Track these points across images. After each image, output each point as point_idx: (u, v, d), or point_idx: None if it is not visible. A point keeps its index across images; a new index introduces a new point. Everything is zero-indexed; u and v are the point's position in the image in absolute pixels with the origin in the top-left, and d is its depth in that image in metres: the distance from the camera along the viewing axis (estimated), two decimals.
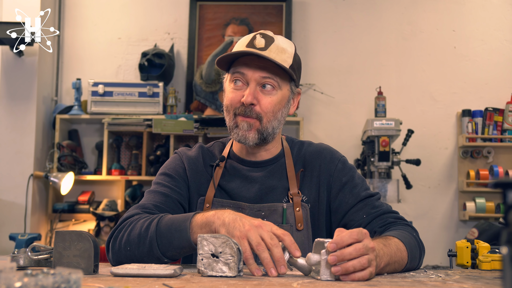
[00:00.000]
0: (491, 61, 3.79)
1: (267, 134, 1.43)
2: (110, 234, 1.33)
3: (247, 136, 1.41)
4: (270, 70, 1.40)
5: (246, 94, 1.39)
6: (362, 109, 3.79)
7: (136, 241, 1.26)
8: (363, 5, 3.88)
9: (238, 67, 1.42)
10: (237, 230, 1.12)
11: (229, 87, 1.45)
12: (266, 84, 1.40)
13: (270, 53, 1.38)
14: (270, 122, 1.42)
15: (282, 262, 1.08)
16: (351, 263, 1.02)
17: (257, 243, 1.09)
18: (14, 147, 3.52)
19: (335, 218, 1.46)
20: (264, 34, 1.42)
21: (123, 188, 3.68)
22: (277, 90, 1.42)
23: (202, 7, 3.90)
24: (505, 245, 0.63)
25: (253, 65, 1.39)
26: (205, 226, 1.18)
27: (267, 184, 1.47)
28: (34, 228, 3.52)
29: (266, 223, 1.14)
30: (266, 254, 1.09)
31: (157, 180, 1.49)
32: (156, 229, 1.24)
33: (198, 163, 1.51)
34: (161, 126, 3.47)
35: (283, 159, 1.51)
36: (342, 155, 1.54)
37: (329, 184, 1.48)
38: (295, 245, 1.10)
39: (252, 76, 1.40)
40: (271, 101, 1.41)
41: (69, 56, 3.91)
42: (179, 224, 1.22)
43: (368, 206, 1.43)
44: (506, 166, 3.63)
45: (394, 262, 1.19)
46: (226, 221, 1.15)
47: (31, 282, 0.65)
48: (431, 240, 3.62)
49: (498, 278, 1.15)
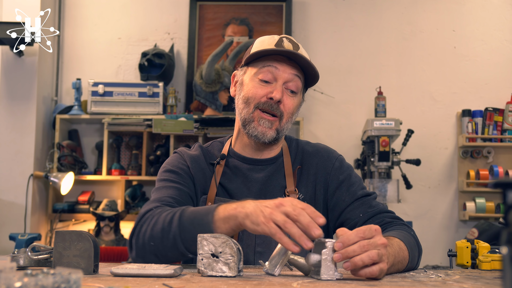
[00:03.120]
0: (491, 61, 3.79)
1: (282, 134, 1.46)
2: (132, 231, 1.30)
3: (266, 133, 1.43)
4: (299, 70, 1.44)
5: (276, 90, 1.41)
6: (362, 109, 3.79)
7: (160, 235, 1.23)
8: (363, 5, 3.88)
9: (269, 62, 1.43)
10: (261, 217, 1.08)
11: (254, 81, 1.45)
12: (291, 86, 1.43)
13: (304, 57, 1.42)
14: (287, 123, 1.45)
15: (313, 226, 1.03)
16: (359, 257, 1.01)
17: (284, 221, 1.05)
18: (14, 147, 3.52)
19: (332, 216, 1.47)
20: (291, 39, 1.46)
21: (123, 188, 3.68)
22: (298, 94, 1.46)
23: (202, 7, 3.90)
24: (505, 245, 0.63)
25: (285, 64, 1.43)
26: (229, 220, 1.15)
27: (267, 184, 1.48)
28: (34, 228, 3.52)
29: (286, 199, 1.10)
30: (295, 229, 1.04)
31: (163, 177, 1.46)
32: (179, 224, 1.21)
33: (201, 161, 1.50)
34: (161, 126, 3.47)
35: (282, 158, 1.51)
36: (339, 154, 1.56)
37: (326, 182, 1.49)
38: (316, 213, 1.06)
39: (283, 72, 1.42)
40: (293, 103, 1.45)
41: (69, 56, 3.91)
42: (202, 218, 1.19)
43: (365, 205, 1.43)
44: (506, 166, 3.63)
45: (398, 262, 1.19)
46: (248, 212, 1.11)
47: (31, 282, 0.65)
48: (431, 240, 3.62)
49: (498, 278, 1.15)
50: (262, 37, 1.50)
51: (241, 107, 1.46)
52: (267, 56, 1.43)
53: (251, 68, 1.47)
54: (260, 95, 1.42)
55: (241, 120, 1.46)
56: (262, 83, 1.43)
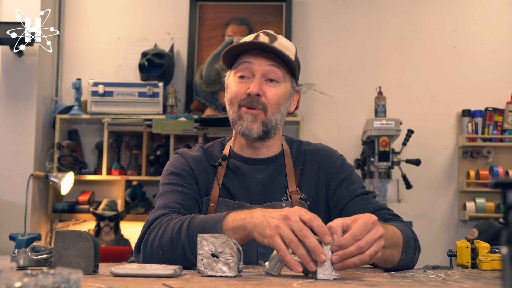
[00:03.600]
0: (491, 61, 3.79)
1: (270, 126, 1.45)
2: (140, 237, 1.31)
3: (252, 128, 1.42)
4: (276, 61, 1.43)
5: (252, 85, 1.41)
6: (362, 109, 3.79)
7: (169, 244, 1.24)
8: (363, 5, 3.88)
9: (244, 58, 1.44)
10: (267, 229, 1.07)
11: (234, 81, 1.46)
12: (271, 76, 1.43)
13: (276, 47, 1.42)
14: (274, 115, 1.44)
15: (318, 250, 1.02)
16: (351, 261, 1.03)
17: (290, 240, 1.04)
18: (14, 147, 3.52)
19: (333, 215, 1.48)
20: (268, 33, 1.46)
21: (123, 188, 3.68)
22: (281, 83, 1.45)
23: (202, 7, 3.90)
24: (505, 245, 0.63)
25: (259, 57, 1.43)
26: (238, 230, 1.15)
27: (268, 184, 1.48)
28: (34, 228, 3.52)
29: (293, 211, 1.07)
30: (301, 250, 1.03)
31: (167, 180, 1.46)
32: (188, 233, 1.22)
33: (203, 162, 1.51)
34: (161, 126, 3.47)
35: (283, 158, 1.52)
36: (340, 154, 1.57)
37: (327, 181, 1.50)
38: (323, 229, 1.04)
39: (258, 66, 1.42)
40: (276, 93, 1.44)
41: (69, 56, 3.91)
42: (210, 227, 1.19)
43: (365, 202, 1.45)
44: (506, 166, 3.63)
45: (390, 245, 1.20)
46: (256, 223, 1.11)
47: (31, 282, 0.65)
48: (431, 240, 3.62)
49: (498, 278, 1.15)
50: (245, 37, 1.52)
51: (228, 108, 1.48)
52: (243, 54, 1.45)
53: (233, 70, 1.48)
54: (241, 92, 1.43)
55: (231, 121, 1.47)
56: (241, 80, 1.44)
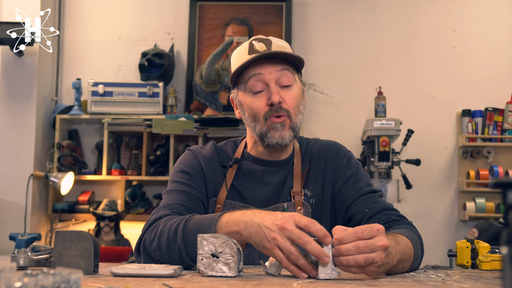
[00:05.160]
0: (491, 61, 3.79)
1: (297, 128, 1.45)
2: (140, 237, 1.32)
3: (284, 136, 1.42)
4: (282, 63, 1.42)
5: (272, 94, 1.39)
6: (362, 109, 3.79)
7: (165, 246, 1.24)
8: (363, 5, 3.88)
9: (250, 72, 1.42)
10: (265, 241, 1.07)
11: (248, 98, 1.44)
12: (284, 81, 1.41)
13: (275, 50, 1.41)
14: (297, 117, 1.44)
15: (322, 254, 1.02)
16: (344, 258, 1.01)
17: (289, 252, 1.04)
18: (14, 147, 3.52)
19: (339, 213, 1.47)
20: (259, 38, 1.44)
21: (123, 188, 3.68)
22: (293, 84, 1.44)
23: (202, 7, 3.90)
24: (505, 245, 0.63)
25: (266, 65, 1.41)
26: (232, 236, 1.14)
27: (280, 186, 1.48)
28: (34, 228, 3.52)
29: (287, 218, 1.06)
30: (301, 261, 1.04)
31: (176, 178, 1.46)
32: (183, 236, 1.22)
33: (214, 163, 1.50)
34: (161, 126, 3.47)
35: (294, 159, 1.51)
36: (348, 150, 1.55)
37: (333, 178, 1.49)
38: (322, 233, 1.03)
39: (269, 75, 1.41)
40: (293, 96, 1.43)
41: (69, 56, 3.91)
42: (204, 231, 1.18)
43: (371, 201, 1.43)
44: (506, 166, 3.62)
45: (403, 260, 1.18)
46: (252, 233, 1.11)
47: (31, 282, 0.65)
48: (431, 240, 3.62)
49: (498, 278, 1.15)
50: (235, 51, 1.49)
51: (252, 125, 1.45)
52: (247, 68, 1.42)
53: (240, 86, 1.46)
54: (262, 106, 1.41)
55: (258, 135, 1.44)
56: (257, 95, 1.42)
